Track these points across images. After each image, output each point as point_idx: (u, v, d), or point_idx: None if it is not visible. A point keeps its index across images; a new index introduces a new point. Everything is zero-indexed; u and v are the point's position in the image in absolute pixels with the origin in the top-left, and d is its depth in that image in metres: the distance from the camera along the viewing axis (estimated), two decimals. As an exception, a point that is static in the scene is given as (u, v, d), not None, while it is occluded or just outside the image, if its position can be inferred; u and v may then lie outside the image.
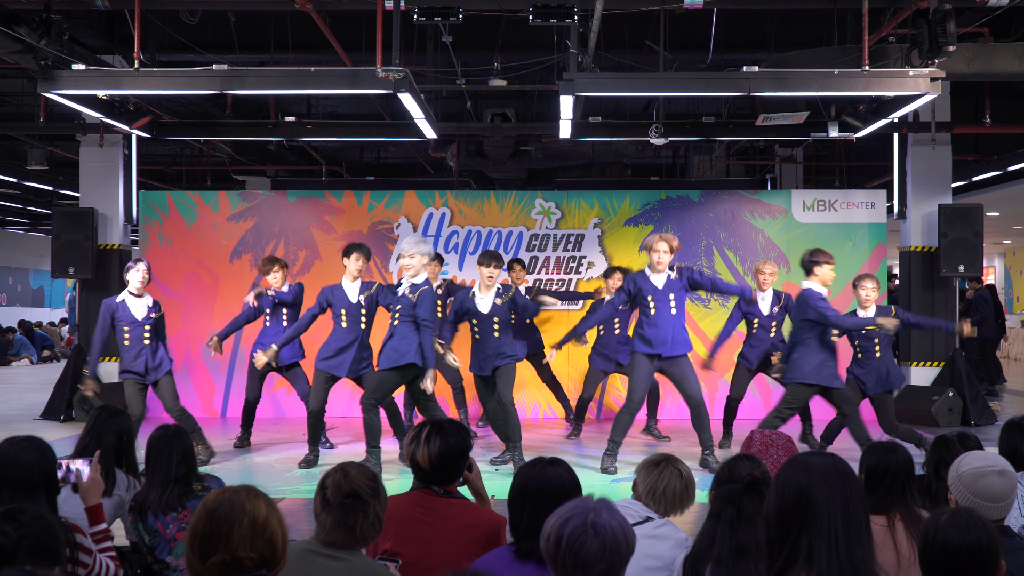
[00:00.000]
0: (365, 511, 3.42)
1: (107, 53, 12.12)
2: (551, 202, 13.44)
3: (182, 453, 4.91)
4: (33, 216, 26.38)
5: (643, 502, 4.23)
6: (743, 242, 13.28)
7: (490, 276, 9.30)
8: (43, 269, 30.25)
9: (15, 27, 8.95)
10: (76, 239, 13.01)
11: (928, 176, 13.39)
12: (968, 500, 3.61)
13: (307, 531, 3.55)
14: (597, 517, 2.80)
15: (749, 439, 4.79)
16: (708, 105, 14.03)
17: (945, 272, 12.80)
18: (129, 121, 11.81)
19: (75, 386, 12.83)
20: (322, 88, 10.56)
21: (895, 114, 11.00)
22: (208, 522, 2.80)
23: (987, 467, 3.66)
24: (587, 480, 4.03)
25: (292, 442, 11.03)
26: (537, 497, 3.60)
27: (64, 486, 4.52)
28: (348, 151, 19.32)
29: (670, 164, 20.26)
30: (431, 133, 12.00)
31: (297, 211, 13.47)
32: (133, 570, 5.05)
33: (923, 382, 13.06)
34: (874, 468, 4.53)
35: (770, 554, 2.75)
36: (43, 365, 23.61)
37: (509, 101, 14.65)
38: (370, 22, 10.24)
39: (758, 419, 12.22)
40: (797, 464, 2.79)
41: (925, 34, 9.14)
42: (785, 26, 11.77)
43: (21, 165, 16.58)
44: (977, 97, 13.64)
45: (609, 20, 10.44)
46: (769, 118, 11.54)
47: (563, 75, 9.60)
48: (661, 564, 3.90)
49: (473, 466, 4.39)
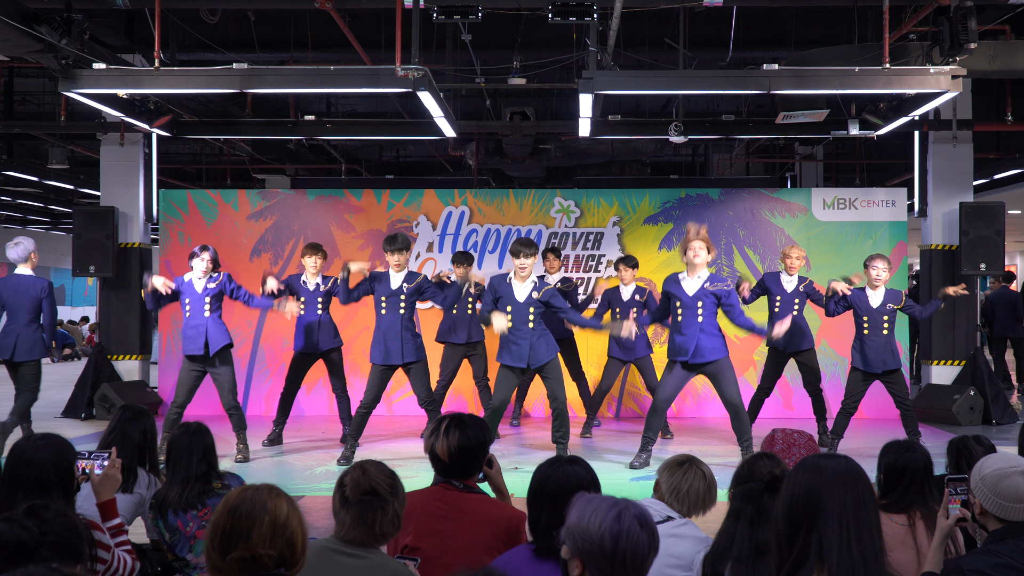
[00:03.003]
0: (384, 508, 3.42)
1: (127, 52, 12.17)
2: (570, 200, 13.43)
3: (203, 451, 4.92)
4: (54, 215, 26.52)
5: (666, 502, 4.22)
6: (763, 240, 13.24)
7: (522, 267, 9.23)
8: (64, 268, 30.36)
9: (36, 26, 8.99)
10: (97, 238, 13.06)
11: (949, 174, 13.33)
12: (991, 502, 3.58)
13: (327, 530, 3.55)
14: (637, 509, 2.79)
15: (771, 438, 4.78)
16: (728, 103, 13.98)
17: (966, 270, 12.72)
18: (149, 120, 11.85)
19: (96, 384, 12.90)
20: (342, 87, 10.56)
21: (916, 112, 10.95)
22: (229, 519, 2.81)
23: (1010, 468, 3.62)
24: (605, 479, 4.02)
25: (311, 440, 11.05)
26: (556, 495, 3.61)
27: (84, 481, 4.54)
28: (367, 149, 19.35)
29: (689, 162, 20.21)
30: (450, 131, 12.00)
31: (317, 210, 13.49)
32: (153, 567, 5.07)
33: (944, 381, 13.00)
34: (892, 467, 4.52)
35: (779, 554, 2.75)
36: (64, 363, 23.71)
37: (528, 99, 14.64)
38: (389, 20, 10.25)
39: (776, 418, 12.23)
40: (809, 466, 2.79)
41: (946, 31, 9.10)
42: (805, 24, 11.72)
43: (42, 164, 16.64)
44: (998, 94, 13.58)
45: (628, 18, 10.43)
46: (789, 116, 11.49)
47: (582, 73, 9.58)
48: (681, 563, 3.90)
49: (494, 462, 4.40)
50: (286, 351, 13.16)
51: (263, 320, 13.22)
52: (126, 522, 4.87)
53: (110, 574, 4.28)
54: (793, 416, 12.71)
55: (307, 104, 14.83)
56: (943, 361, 13.17)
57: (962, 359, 13.04)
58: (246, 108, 13.79)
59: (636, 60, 11.34)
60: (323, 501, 7.78)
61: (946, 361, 13.16)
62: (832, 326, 12.19)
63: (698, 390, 12.87)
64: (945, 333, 13.14)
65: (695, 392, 12.93)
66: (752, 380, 12.45)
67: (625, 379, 12.96)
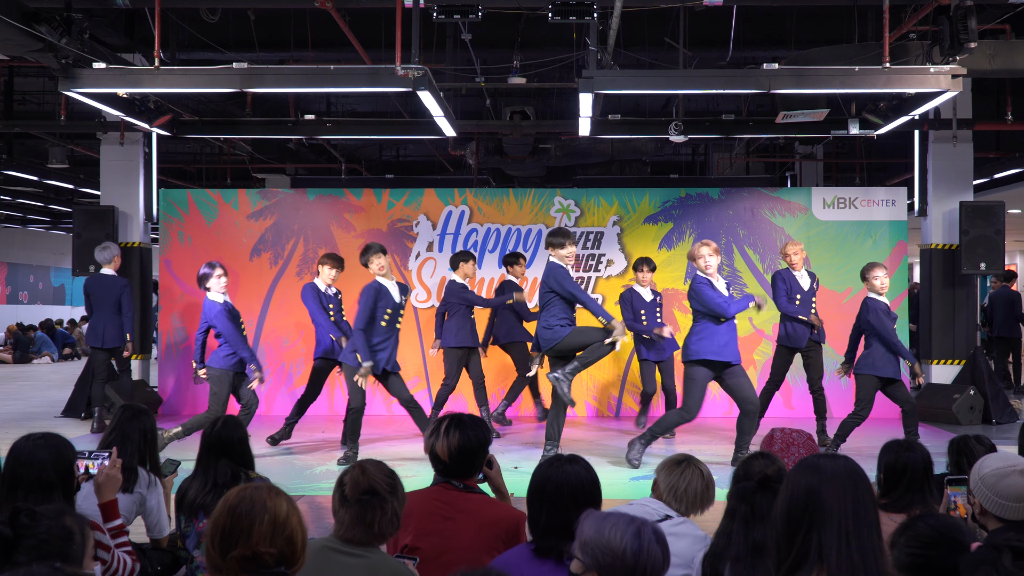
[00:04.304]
0: (383, 507, 3.43)
1: (128, 52, 12.16)
2: (570, 200, 13.43)
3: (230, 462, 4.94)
4: (54, 214, 26.51)
5: (664, 500, 4.23)
6: (763, 240, 13.24)
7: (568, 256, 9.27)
8: (64, 267, 30.40)
9: (36, 26, 8.99)
10: (97, 237, 13.05)
11: (949, 173, 13.33)
12: (991, 501, 3.58)
13: (327, 529, 3.56)
14: (651, 525, 2.91)
15: (770, 437, 4.79)
16: (728, 102, 13.98)
17: (966, 270, 12.72)
18: (149, 119, 11.85)
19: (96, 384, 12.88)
20: (342, 86, 10.56)
21: (916, 111, 10.96)
22: (229, 517, 2.82)
23: (1009, 467, 3.62)
24: (606, 478, 4.03)
25: (312, 440, 11.06)
26: (555, 495, 3.60)
27: (85, 480, 4.54)
28: (367, 149, 19.35)
29: (689, 162, 20.21)
30: (450, 131, 12.00)
31: (317, 209, 13.50)
32: (153, 567, 5.07)
33: (944, 380, 13.00)
34: (892, 466, 4.52)
35: (778, 553, 2.76)
36: (64, 363, 23.73)
37: (528, 99, 14.63)
38: (389, 20, 10.25)
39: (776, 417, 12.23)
40: (808, 466, 2.80)
41: (946, 31, 9.09)
42: (805, 23, 11.72)
43: (42, 163, 16.63)
44: (999, 94, 13.58)
45: (628, 17, 10.42)
46: (789, 115, 11.49)
47: (582, 73, 9.59)
48: (680, 561, 3.90)
49: (493, 462, 4.40)
50: (287, 350, 13.19)
51: (263, 319, 13.22)
52: (127, 522, 4.87)
53: (110, 574, 4.28)
54: (793, 416, 12.72)
55: (307, 103, 14.83)
56: (943, 360, 13.17)
57: (962, 358, 13.04)
58: (246, 107, 13.79)
59: (636, 59, 11.35)
60: (323, 500, 7.79)
61: (946, 360, 13.16)
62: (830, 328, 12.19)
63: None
64: (945, 332, 13.15)
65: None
66: (753, 380, 12.45)
67: (626, 378, 12.97)
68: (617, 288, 12.96)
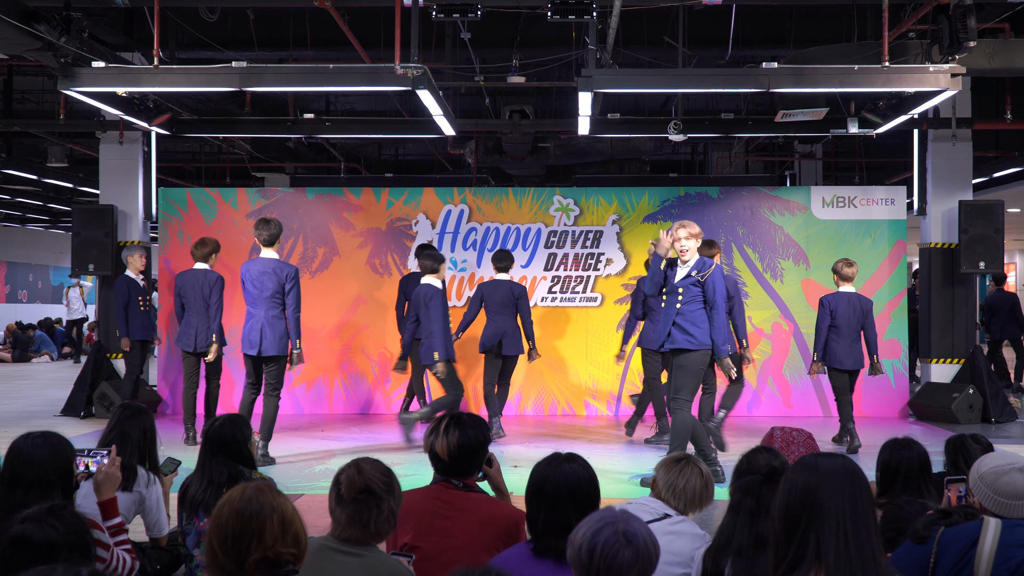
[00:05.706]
0: (379, 506, 3.42)
1: (127, 51, 12.16)
2: (569, 199, 13.42)
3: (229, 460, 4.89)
4: (53, 213, 26.50)
5: (663, 499, 4.23)
6: (762, 239, 13.24)
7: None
8: (63, 266, 30.39)
9: (35, 24, 8.98)
10: (96, 236, 13.06)
11: (948, 172, 13.32)
12: (990, 499, 3.58)
13: (327, 529, 3.56)
14: (628, 526, 2.82)
15: (770, 435, 4.80)
16: (727, 101, 13.99)
17: (966, 269, 12.71)
18: (148, 118, 11.85)
19: (95, 383, 12.90)
20: (341, 85, 10.56)
21: (915, 110, 10.96)
22: (239, 521, 2.80)
23: (1007, 465, 3.62)
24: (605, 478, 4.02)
25: (311, 440, 11.06)
26: (554, 494, 3.60)
27: (85, 478, 4.54)
28: (367, 148, 19.35)
29: (689, 160, 20.21)
30: (449, 130, 12.00)
31: (316, 208, 13.49)
32: (152, 565, 5.07)
33: (943, 379, 13.00)
34: (888, 464, 4.52)
35: (776, 552, 2.76)
36: (63, 362, 23.72)
37: (527, 98, 14.63)
38: (388, 19, 10.25)
39: (777, 417, 12.23)
40: (806, 465, 2.80)
41: (945, 30, 9.09)
42: (804, 22, 11.72)
43: (41, 162, 16.65)
44: (998, 93, 13.59)
45: (628, 16, 10.42)
46: (788, 114, 11.49)
47: (582, 72, 9.58)
48: (680, 560, 3.90)
49: (493, 461, 4.40)
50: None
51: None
52: (126, 520, 4.87)
53: (109, 573, 4.28)
54: (793, 415, 12.72)
55: (306, 102, 14.83)
56: (942, 359, 13.17)
57: (961, 357, 13.03)
58: (245, 106, 13.79)
59: (635, 58, 11.35)
60: (322, 499, 7.78)
61: (945, 359, 13.16)
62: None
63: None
64: (944, 331, 13.14)
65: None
66: (752, 379, 12.47)
67: (625, 377, 12.96)
68: (617, 287, 12.99)
